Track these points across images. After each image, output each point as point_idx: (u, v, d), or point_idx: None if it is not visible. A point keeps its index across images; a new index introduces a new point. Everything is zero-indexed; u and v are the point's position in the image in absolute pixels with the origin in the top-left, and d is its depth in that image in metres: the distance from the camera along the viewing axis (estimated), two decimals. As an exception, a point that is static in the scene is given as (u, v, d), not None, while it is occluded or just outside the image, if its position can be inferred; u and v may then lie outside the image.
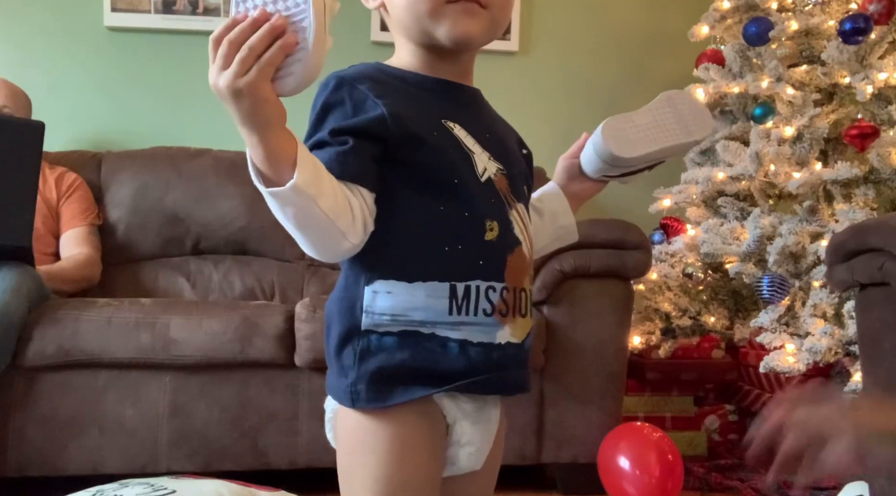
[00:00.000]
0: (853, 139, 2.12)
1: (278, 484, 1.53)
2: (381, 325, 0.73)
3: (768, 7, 2.35)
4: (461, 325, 0.72)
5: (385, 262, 0.73)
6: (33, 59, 2.59)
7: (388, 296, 0.72)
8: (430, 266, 0.72)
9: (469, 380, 0.73)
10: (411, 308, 0.72)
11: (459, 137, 0.76)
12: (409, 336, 0.72)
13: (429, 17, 0.75)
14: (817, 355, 1.89)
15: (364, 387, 0.73)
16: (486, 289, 0.73)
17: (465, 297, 0.72)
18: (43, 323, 1.75)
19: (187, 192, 2.38)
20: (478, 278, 0.73)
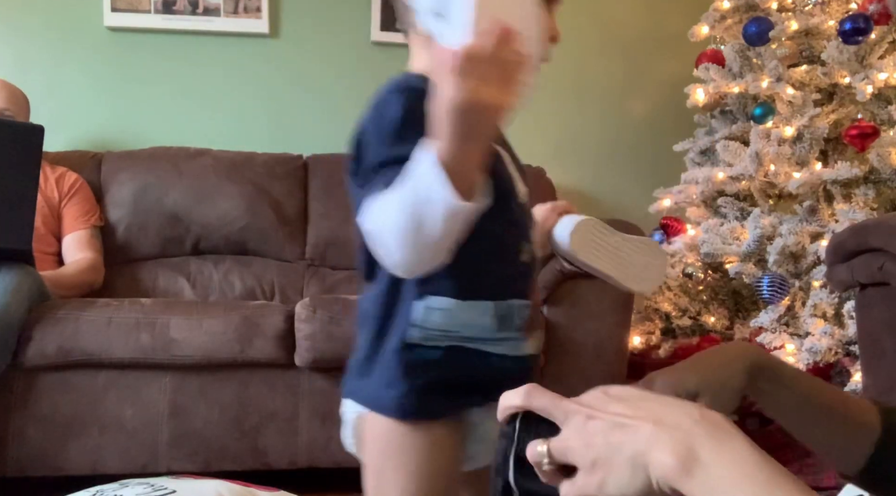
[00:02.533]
0: (853, 139, 2.12)
1: (278, 484, 1.53)
2: (430, 339, 0.75)
3: (768, 7, 2.35)
4: (502, 341, 0.76)
5: (438, 280, 0.73)
6: (33, 59, 2.59)
7: (441, 313, 0.74)
8: (477, 284, 0.75)
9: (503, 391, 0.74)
10: (462, 325, 0.74)
11: (506, 161, 0.78)
12: (455, 351, 0.75)
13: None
14: (817, 355, 1.89)
15: (414, 399, 0.74)
16: (518, 306, 0.77)
17: (506, 315, 0.76)
18: (43, 323, 1.75)
19: (187, 192, 2.38)
20: (514, 297, 0.77)
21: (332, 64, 2.72)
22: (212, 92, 2.67)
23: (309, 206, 2.48)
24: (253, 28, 2.65)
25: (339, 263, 2.45)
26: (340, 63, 2.73)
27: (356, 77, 2.73)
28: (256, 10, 2.65)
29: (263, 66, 2.69)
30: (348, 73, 2.73)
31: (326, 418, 1.85)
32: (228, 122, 2.68)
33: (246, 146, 2.55)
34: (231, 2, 2.64)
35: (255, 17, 2.65)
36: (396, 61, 3.14)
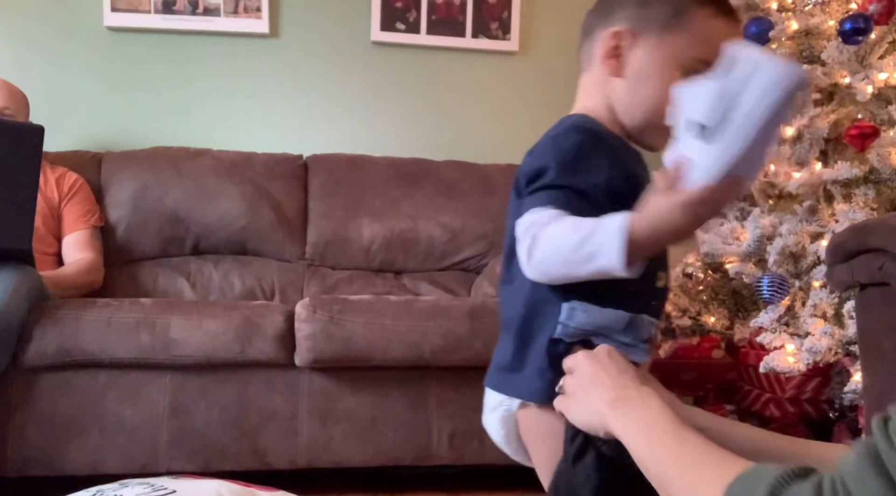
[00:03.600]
0: (853, 139, 2.12)
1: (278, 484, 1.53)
2: (571, 335, 0.86)
3: (768, 7, 2.35)
4: (625, 345, 0.87)
5: (586, 289, 0.84)
6: (33, 59, 2.59)
7: (584, 314, 0.86)
8: (618, 298, 0.86)
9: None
10: (598, 324, 0.86)
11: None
12: (586, 346, 0.86)
13: (654, 126, 0.88)
14: (817, 355, 1.89)
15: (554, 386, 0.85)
16: (647, 322, 0.89)
17: (636, 326, 0.88)
18: (43, 323, 1.75)
19: (187, 192, 2.38)
20: (647, 313, 0.89)
21: (332, 64, 2.72)
22: (212, 92, 2.67)
23: (309, 206, 2.48)
24: (253, 28, 2.65)
25: (339, 263, 2.45)
26: (340, 63, 2.73)
27: (356, 77, 2.73)
28: (256, 10, 2.65)
29: (263, 66, 2.69)
30: (348, 73, 2.73)
31: (326, 418, 1.85)
32: (228, 122, 2.68)
33: (246, 146, 2.55)
34: (231, 2, 2.64)
35: (255, 17, 2.65)
36: (396, 61, 3.15)
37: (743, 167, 0.69)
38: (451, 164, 2.59)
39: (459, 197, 2.50)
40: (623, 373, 0.78)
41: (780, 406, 2.06)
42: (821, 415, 2.05)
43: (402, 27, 2.72)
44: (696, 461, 0.64)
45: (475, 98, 2.79)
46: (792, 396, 2.03)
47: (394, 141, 2.70)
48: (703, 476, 0.62)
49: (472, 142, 2.77)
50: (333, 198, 2.47)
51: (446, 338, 1.83)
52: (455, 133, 2.78)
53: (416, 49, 2.74)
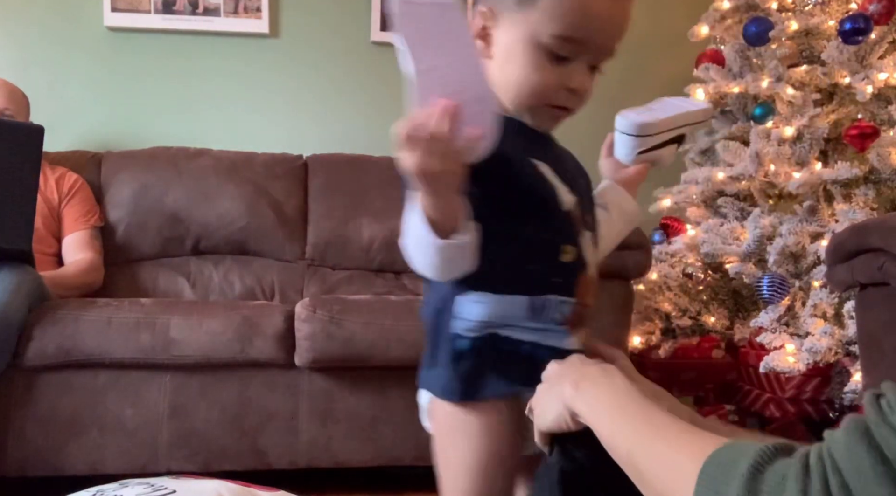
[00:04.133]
0: (853, 139, 2.12)
1: (278, 484, 1.53)
2: (471, 329, 0.84)
3: (768, 7, 2.35)
4: (535, 331, 0.85)
5: (477, 277, 0.82)
6: (33, 59, 2.59)
7: (478, 305, 0.84)
8: (514, 281, 0.84)
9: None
10: (496, 315, 0.84)
11: (545, 174, 0.86)
12: (492, 340, 0.84)
13: (527, 107, 0.87)
14: (817, 355, 1.89)
15: (459, 384, 0.84)
16: (558, 302, 0.85)
17: (540, 309, 0.85)
18: (43, 323, 1.75)
19: (187, 192, 2.38)
20: (553, 293, 0.85)
21: (332, 64, 2.72)
22: (212, 92, 2.67)
23: (309, 206, 2.48)
24: (253, 28, 2.65)
25: (339, 263, 2.45)
26: (340, 63, 2.73)
27: (356, 77, 2.73)
28: (256, 10, 2.65)
29: (263, 66, 2.69)
30: (348, 73, 2.73)
31: (326, 418, 1.85)
32: (228, 122, 2.68)
33: (246, 146, 2.55)
34: (231, 2, 2.64)
35: (255, 17, 2.65)
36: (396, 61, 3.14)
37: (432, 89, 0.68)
38: (451, 164, 2.59)
39: (459, 197, 2.50)
40: (587, 363, 0.76)
41: (780, 406, 2.06)
42: (821, 415, 2.05)
43: (402, 27, 2.72)
44: (668, 437, 0.61)
45: (475, 98, 2.79)
46: (792, 396, 2.03)
47: (394, 141, 2.70)
48: (675, 452, 0.59)
49: (472, 142, 2.77)
50: (333, 198, 2.47)
51: (446, 338, 1.83)
52: (455, 133, 2.78)
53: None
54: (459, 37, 0.69)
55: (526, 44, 0.82)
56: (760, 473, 0.52)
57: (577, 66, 0.84)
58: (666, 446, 0.60)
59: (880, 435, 0.49)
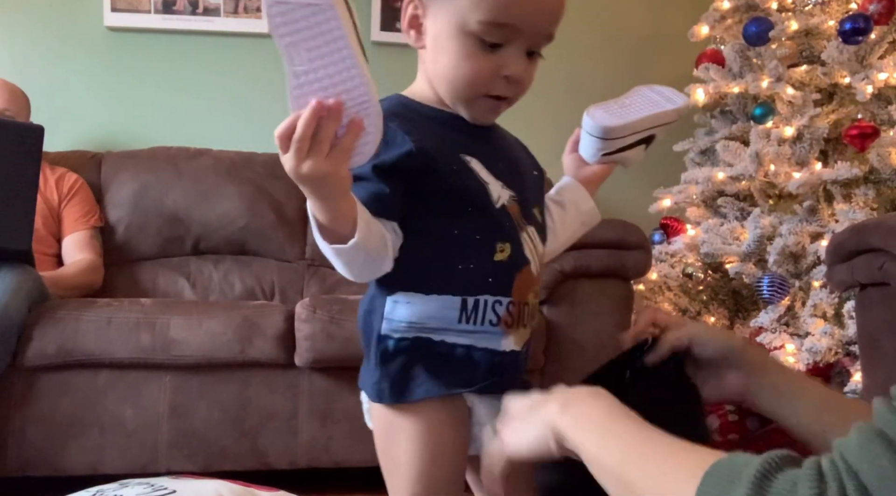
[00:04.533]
0: (853, 139, 2.12)
1: (278, 484, 1.53)
2: (398, 331, 0.82)
3: (768, 7, 2.35)
4: (468, 333, 0.82)
5: (405, 278, 0.81)
6: (33, 59, 2.59)
7: (406, 306, 0.81)
8: (444, 281, 0.81)
9: (476, 386, 0.83)
10: (426, 316, 0.81)
11: (475, 169, 0.83)
12: (421, 342, 0.81)
13: (462, 99, 0.83)
14: (817, 355, 1.89)
15: (387, 385, 0.83)
16: (493, 302, 0.82)
17: (473, 309, 0.81)
18: (43, 323, 1.75)
19: (187, 192, 2.38)
20: (486, 293, 0.82)
21: (332, 64, 2.72)
22: (212, 92, 2.67)
23: (309, 206, 2.48)
24: (253, 28, 2.65)
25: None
26: (340, 63, 2.72)
27: (356, 77, 2.73)
28: (256, 10, 2.65)
29: (263, 66, 2.69)
30: (348, 73, 2.72)
31: (326, 418, 1.85)
32: (228, 122, 2.68)
33: (246, 146, 2.55)
34: (231, 2, 2.64)
35: (255, 17, 2.65)
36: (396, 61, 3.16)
37: (308, 92, 0.67)
38: (451, 164, 2.59)
39: (459, 197, 2.50)
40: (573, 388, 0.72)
41: (780, 406, 2.05)
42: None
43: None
44: (664, 452, 0.59)
45: (475, 98, 2.79)
46: (792, 396, 2.03)
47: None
48: (673, 466, 0.57)
49: (472, 142, 2.77)
50: (333, 198, 2.47)
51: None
52: (455, 133, 2.78)
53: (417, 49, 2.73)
54: (335, 38, 0.66)
55: (454, 32, 0.78)
56: (769, 480, 0.51)
57: (511, 52, 0.79)
58: (662, 461, 0.58)
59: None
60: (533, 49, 0.81)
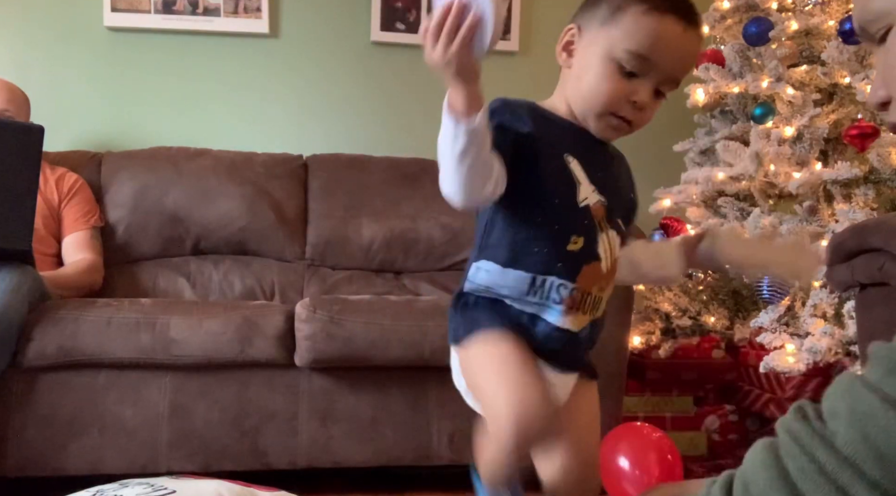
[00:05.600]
0: (853, 139, 2.11)
1: (278, 484, 1.53)
2: (477, 291, 0.98)
3: (768, 7, 2.35)
4: (534, 304, 0.96)
5: (490, 249, 0.97)
6: (33, 59, 2.59)
7: (486, 274, 0.97)
8: (520, 259, 0.95)
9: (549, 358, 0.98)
10: (500, 285, 0.96)
11: (573, 169, 0.97)
12: (495, 301, 0.97)
13: (594, 114, 0.98)
14: (817, 355, 1.89)
15: (462, 327, 0.98)
16: (558, 284, 0.95)
17: (540, 286, 0.95)
18: (43, 323, 1.75)
19: (187, 192, 2.38)
20: (554, 275, 0.95)
21: (332, 64, 2.72)
22: (212, 92, 2.67)
23: (309, 206, 2.48)
24: (253, 28, 2.65)
25: (339, 263, 2.45)
26: (340, 63, 2.72)
27: (356, 77, 2.73)
28: (256, 10, 2.65)
29: (263, 66, 2.69)
30: (348, 73, 2.73)
31: (326, 418, 1.85)
32: (228, 122, 2.68)
33: (246, 146, 2.55)
34: (231, 2, 2.64)
35: (255, 17, 2.65)
36: (396, 61, 3.14)
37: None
38: (451, 164, 2.59)
39: (459, 197, 2.50)
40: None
41: (781, 406, 2.06)
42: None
43: (402, 27, 2.72)
44: None
45: (475, 98, 2.79)
46: (792, 396, 2.03)
47: (394, 141, 2.70)
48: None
49: (472, 142, 2.77)
50: (333, 198, 2.47)
51: (446, 338, 1.82)
52: (455, 133, 2.78)
53: (416, 49, 2.72)
54: None
55: (602, 57, 0.95)
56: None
57: (643, 83, 0.95)
58: None
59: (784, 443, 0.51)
60: (660, 88, 0.97)
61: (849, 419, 0.48)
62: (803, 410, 0.52)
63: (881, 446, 0.46)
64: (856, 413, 0.47)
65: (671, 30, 0.93)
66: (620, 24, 0.94)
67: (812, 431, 0.49)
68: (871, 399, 0.47)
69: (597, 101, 0.96)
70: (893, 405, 0.46)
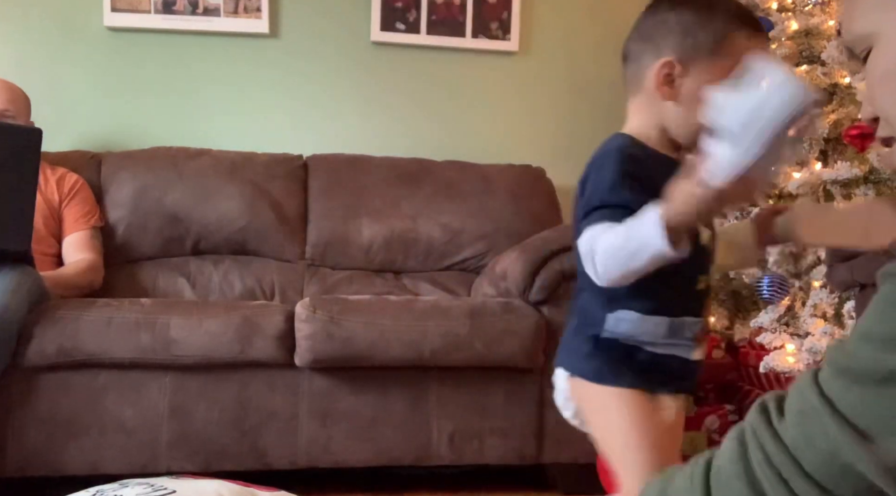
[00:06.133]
0: (853, 139, 2.11)
1: (278, 484, 1.53)
2: (617, 338, 1.00)
3: (768, 7, 2.35)
4: (670, 346, 1.00)
5: (628, 299, 0.98)
6: (33, 59, 2.59)
7: (627, 323, 0.99)
8: (658, 304, 0.99)
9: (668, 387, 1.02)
10: (641, 332, 0.99)
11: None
12: (634, 348, 1.00)
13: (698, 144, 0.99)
14: (817, 355, 1.89)
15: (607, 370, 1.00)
16: (691, 323, 1.01)
17: (678, 328, 1.00)
18: (43, 323, 1.75)
19: (187, 192, 2.38)
20: (688, 315, 1.00)
21: (332, 64, 2.72)
22: (212, 92, 2.67)
23: (309, 206, 2.48)
24: (253, 28, 2.65)
25: (339, 263, 2.45)
26: (340, 63, 2.72)
27: (356, 77, 2.73)
28: (256, 10, 2.65)
29: (263, 66, 2.69)
30: (348, 73, 2.73)
31: (326, 418, 1.85)
32: (228, 122, 2.68)
33: (246, 146, 2.55)
34: (231, 2, 2.64)
35: (255, 17, 2.65)
36: (396, 61, 3.13)
37: (756, 172, 0.78)
38: (450, 164, 2.59)
39: (459, 197, 2.50)
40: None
41: (780, 406, 2.05)
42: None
43: (402, 27, 2.72)
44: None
45: (475, 98, 2.79)
46: (792, 396, 2.03)
47: (394, 141, 2.70)
48: None
49: (472, 142, 2.77)
50: (333, 198, 2.47)
51: (446, 338, 1.83)
52: (455, 133, 2.78)
53: (416, 49, 2.74)
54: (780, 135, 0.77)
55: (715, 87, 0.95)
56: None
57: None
58: None
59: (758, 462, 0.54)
60: None
61: (797, 418, 0.53)
62: (764, 405, 0.56)
63: (817, 444, 0.50)
64: (803, 412, 0.52)
65: (764, 46, 0.99)
66: (729, 53, 0.95)
67: (768, 426, 0.54)
68: (815, 400, 0.51)
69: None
70: (831, 408, 0.50)
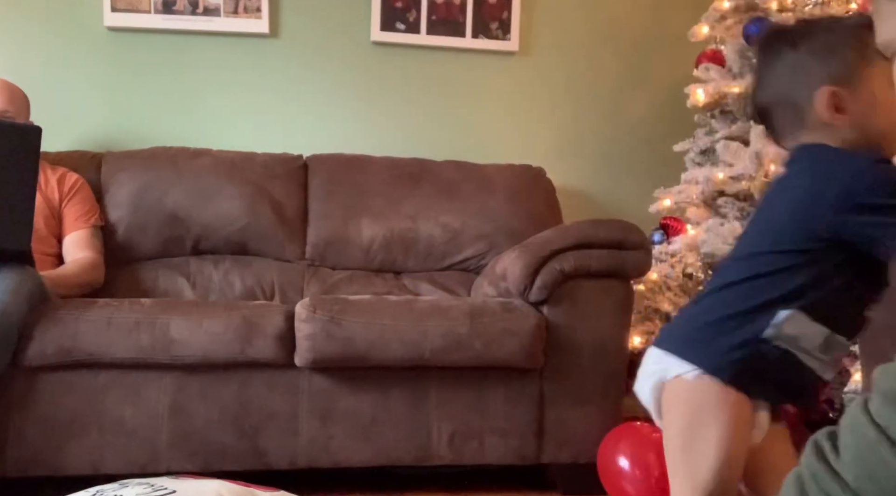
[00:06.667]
0: (853, 139, 2.11)
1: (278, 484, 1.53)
2: (779, 338, 0.96)
3: (768, 7, 2.35)
4: (818, 360, 0.98)
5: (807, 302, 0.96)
6: (33, 59, 2.59)
7: (794, 324, 0.96)
8: (830, 316, 0.97)
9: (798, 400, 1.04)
10: (803, 336, 0.97)
11: None
12: (788, 356, 0.97)
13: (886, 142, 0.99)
14: None
15: (739, 368, 0.96)
16: (843, 343, 0.99)
17: (831, 344, 0.98)
18: (43, 323, 1.75)
19: (187, 192, 2.38)
20: (843, 334, 0.99)
21: (332, 64, 2.72)
22: (212, 92, 2.67)
23: (309, 206, 2.48)
24: (253, 28, 2.65)
25: (339, 263, 2.45)
26: (340, 63, 2.72)
27: (356, 77, 2.73)
28: (256, 10, 2.65)
29: (263, 66, 2.69)
30: (348, 73, 2.73)
31: (326, 418, 1.85)
32: (228, 122, 2.68)
33: (246, 146, 2.55)
34: (231, 2, 2.64)
35: (255, 17, 2.65)
36: (396, 61, 3.14)
37: None
38: (451, 164, 2.59)
39: (459, 197, 2.50)
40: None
41: (780, 406, 2.05)
42: (821, 415, 2.04)
43: (402, 27, 2.72)
44: None
45: (475, 98, 2.79)
46: (792, 396, 2.03)
47: (394, 141, 2.71)
48: None
49: (472, 142, 2.77)
50: (333, 198, 2.47)
51: (446, 338, 1.83)
52: (455, 133, 2.78)
53: (416, 49, 2.74)
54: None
55: (884, 90, 0.96)
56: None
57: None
58: None
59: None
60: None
61: (854, 453, 0.50)
62: (819, 445, 0.53)
63: (879, 477, 0.48)
64: (859, 448, 0.50)
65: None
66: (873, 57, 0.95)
67: (826, 467, 0.51)
68: (869, 432, 0.49)
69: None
70: (886, 438, 0.48)
